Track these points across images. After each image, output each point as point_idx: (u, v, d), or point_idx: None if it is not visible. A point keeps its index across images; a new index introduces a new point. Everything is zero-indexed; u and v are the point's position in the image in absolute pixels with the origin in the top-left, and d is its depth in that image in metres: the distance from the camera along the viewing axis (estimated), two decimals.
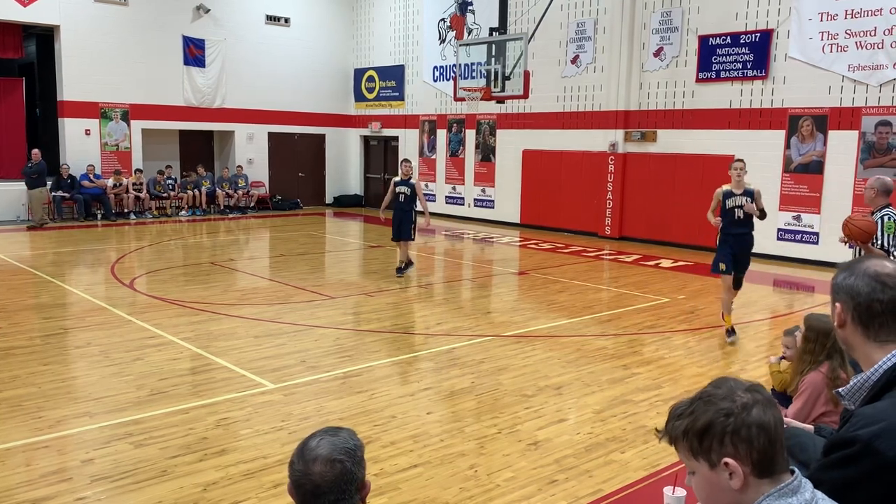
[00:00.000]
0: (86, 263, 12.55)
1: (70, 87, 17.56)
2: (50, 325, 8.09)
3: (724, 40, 14.22)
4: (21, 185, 16.54)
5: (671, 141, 15.17)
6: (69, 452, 4.85)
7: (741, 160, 8.02)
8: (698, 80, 14.65)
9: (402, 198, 11.36)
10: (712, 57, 14.42)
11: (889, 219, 6.15)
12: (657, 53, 15.29)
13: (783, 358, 4.76)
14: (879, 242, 6.08)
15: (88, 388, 6.12)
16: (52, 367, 6.59)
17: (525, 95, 14.24)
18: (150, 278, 10.86)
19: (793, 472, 1.50)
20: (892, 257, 5.93)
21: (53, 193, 16.99)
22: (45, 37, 18.01)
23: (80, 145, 17.79)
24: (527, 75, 13.96)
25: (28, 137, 18.35)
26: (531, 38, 14.55)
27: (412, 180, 11.41)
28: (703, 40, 14.51)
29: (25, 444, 4.91)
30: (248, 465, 4.65)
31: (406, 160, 11.78)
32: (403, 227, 11.40)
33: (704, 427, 1.48)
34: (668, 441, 1.57)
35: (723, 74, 14.28)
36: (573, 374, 6.65)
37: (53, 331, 7.89)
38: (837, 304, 1.85)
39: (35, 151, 16.37)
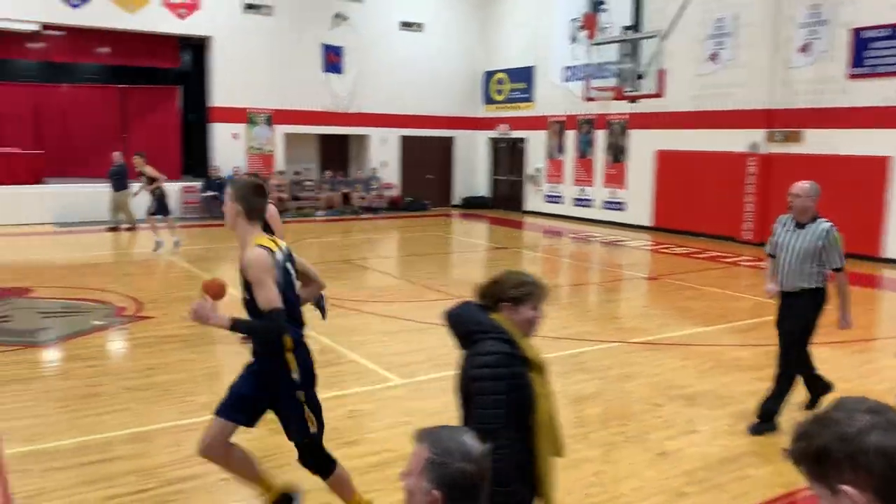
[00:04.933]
0: (232, 259, 13.35)
1: (219, 93, 18.77)
2: None
3: (880, 33, 13.18)
4: (175, 185, 17.84)
5: (820, 141, 14.21)
6: None
7: None
8: (851, 77, 13.66)
9: None
10: (865, 51, 13.40)
11: (834, 232, 5.14)
12: (804, 49, 14.38)
13: None
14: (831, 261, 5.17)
15: (232, 375, 6.51)
16: (200, 356, 7.07)
17: (659, 94, 13.82)
18: None
19: None
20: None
21: (203, 194, 18.21)
22: (198, 47, 19.35)
23: (227, 148, 18.98)
24: (661, 74, 13.53)
25: (182, 142, 19.78)
26: (667, 35, 14.10)
27: None
28: (857, 33, 13.52)
29: (174, 425, 5.30)
30: (376, 457, 4.79)
31: None
32: None
33: (819, 452, 1.38)
34: (792, 462, 1.48)
35: (880, 69, 13.24)
36: (707, 385, 6.38)
37: None
38: None
39: (115, 153, 15.75)
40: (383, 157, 21.46)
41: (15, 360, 6.76)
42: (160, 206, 13.44)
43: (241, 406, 3.68)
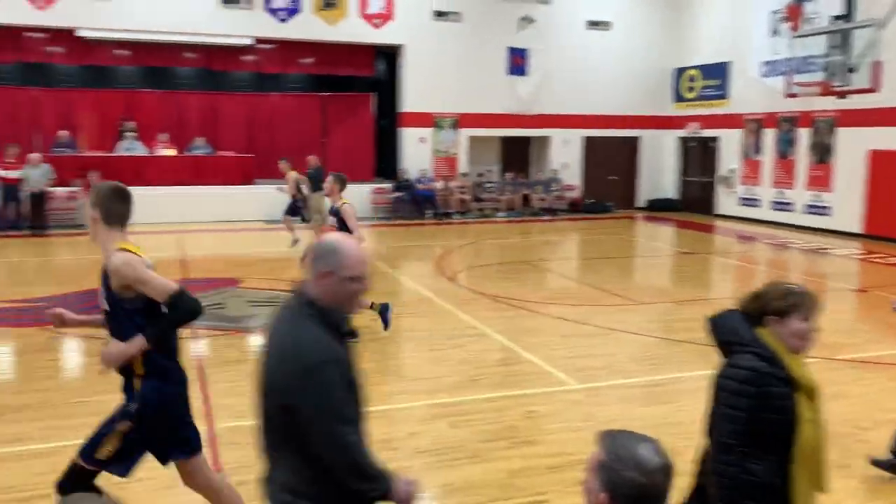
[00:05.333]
0: (416, 257, 13.91)
1: (409, 99, 19.59)
2: None
3: None
4: (366, 186, 18.84)
5: None
6: (396, 424, 5.43)
7: None
8: None
9: None
10: None
11: None
12: None
13: None
14: None
15: (413, 368, 6.80)
16: (383, 347, 7.43)
17: (874, 89, 12.55)
18: (469, 273, 11.68)
19: None
20: None
21: (392, 195, 19.11)
22: (390, 55, 20.30)
23: (415, 152, 19.75)
24: (877, 66, 12.29)
25: (375, 146, 20.85)
26: (885, 24, 12.77)
27: None
28: None
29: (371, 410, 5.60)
30: (552, 458, 4.78)
31: None
32: None
33: None
34: None
35: None
36: None
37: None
38: None
39: (311, 157, 15.98)
40: (564, 158, 21.28)
41: (227, 344, 7.50)
42: (294, 209, 13.98)
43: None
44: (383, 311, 7.66)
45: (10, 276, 11.65)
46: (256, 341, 7.73)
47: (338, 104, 20.47)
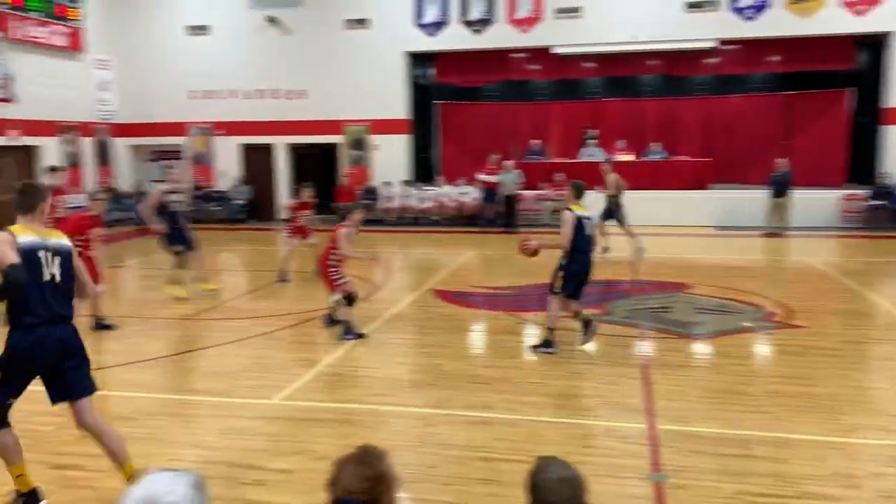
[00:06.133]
0: (891, 274, 12.02)
1: None
2: (853, 333, 8.04)
3: None
4: (834, 192, 16.88)
5: None
6: (860, 461, 4.78)
7: None
8: None
9: None
10: None
11: None
12: None
13: None
14: None
15: (886, 401, 5.89)
16: (850, 374, 6.59)
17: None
18: None
19: None
20: None
21: (868, 202, 16.75)
22: (873, 45, 17.80)
23: None
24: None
25: (849, 147, 18.55)
26: None
27: None
28: None
29: (819, 440, 5.06)
30: None
31: None
32: None
33: None
34: None
35: None
36: None
37: (856, 338, 7.83)
38: None
39: (780, 160, 15.75)
40: None
41: (670, 347, 7.48)
42: (609, 213, 13.18)
43: None
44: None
45: (485, 267, 13.42)
46: (701, 349, 7.56)
47: (805, 102, 18.77)
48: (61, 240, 4.22)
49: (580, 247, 7.09)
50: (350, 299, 7.99)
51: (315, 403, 5.88)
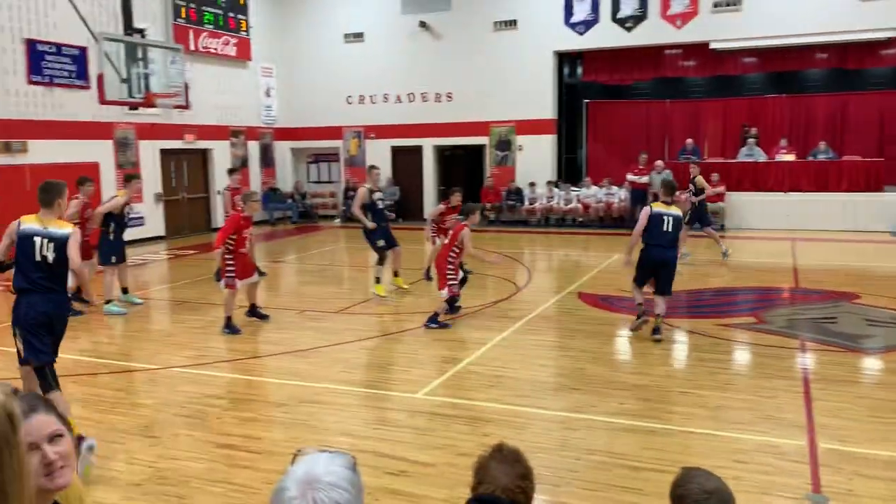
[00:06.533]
0: None
1: None
2: None
3: None
4: None
5: None
6: None
7: None
8: None
9: None
10: None
11: None
12: None
13: None
14: None
15: None
16: None
17: None
18: None
19: None
20: None
21: None
22: None
23: None
24: None
25: None
26: None
27: None
28: None
29: None
30: None
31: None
32: None
33: None
34: None
35: None
36: None
37: None
38: None
39: None
40: None
41: (834, 361, 6.94)
42: (693, 217, 12.91)
43: None
44: None
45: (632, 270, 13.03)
46: (871, 364, 6.96)
47: None
48: (60, 229, 5.09)
49: (650, 240, 7.65)
50: (453, 301, 8.59)
51: (457, 400, 5.97)
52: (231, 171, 12.67)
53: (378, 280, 10.25)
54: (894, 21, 16.10)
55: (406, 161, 20.53)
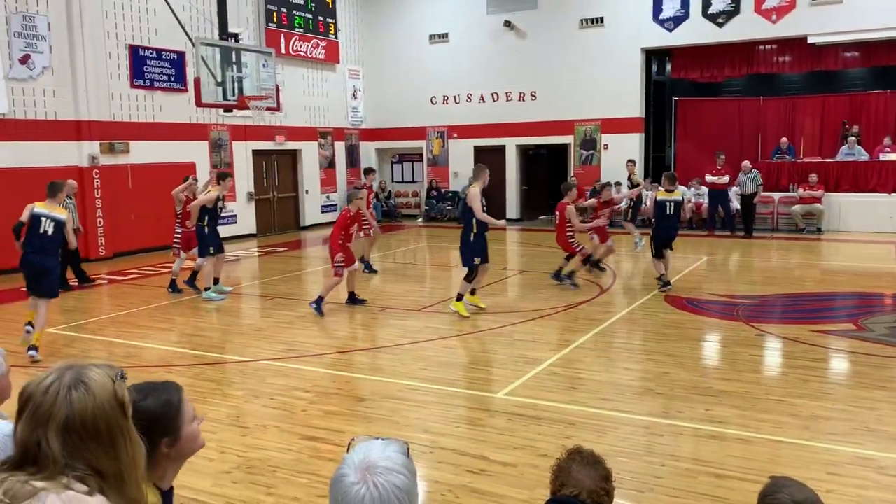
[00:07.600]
0: None
1: None
2: None
3: None
4: None
5: None
6: None
7: None
8: None
9: None
10: None
11: None
12: None
13: None
14: None
15: None
16: None
17: None
18: None
19: None
20: None
21: None
22: None
23: None
24: None
25: None
26: None
27: None
28: None
29: None
30: None
31: None
32: None
33: None
34: None
35: None
36: None
37: None
38: None
39: None
40: None
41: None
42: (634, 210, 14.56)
43: None
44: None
45: (720, 273, 12.65)
46: None
47: None
48: (60, 214, 7.57)
49: (658, 222, 10.34)
50: (588, 259, 10.79)
51: (537, 401, 5.93)
52: (367, 172, 13.26)
53: (462, 297, 9.07)
54: None
55: (489, 161, 20.41)
